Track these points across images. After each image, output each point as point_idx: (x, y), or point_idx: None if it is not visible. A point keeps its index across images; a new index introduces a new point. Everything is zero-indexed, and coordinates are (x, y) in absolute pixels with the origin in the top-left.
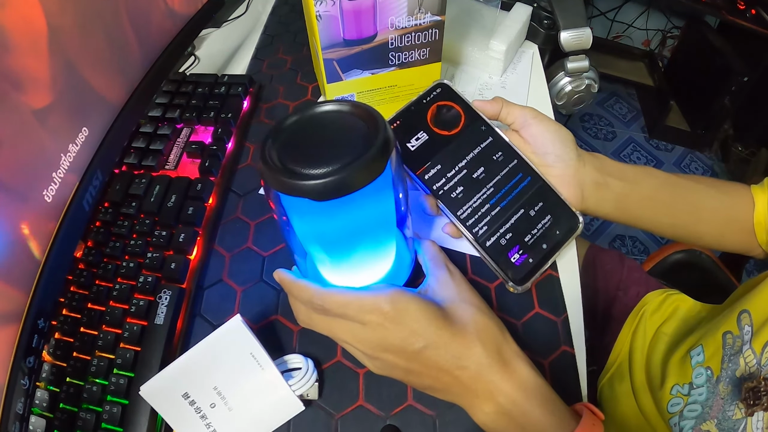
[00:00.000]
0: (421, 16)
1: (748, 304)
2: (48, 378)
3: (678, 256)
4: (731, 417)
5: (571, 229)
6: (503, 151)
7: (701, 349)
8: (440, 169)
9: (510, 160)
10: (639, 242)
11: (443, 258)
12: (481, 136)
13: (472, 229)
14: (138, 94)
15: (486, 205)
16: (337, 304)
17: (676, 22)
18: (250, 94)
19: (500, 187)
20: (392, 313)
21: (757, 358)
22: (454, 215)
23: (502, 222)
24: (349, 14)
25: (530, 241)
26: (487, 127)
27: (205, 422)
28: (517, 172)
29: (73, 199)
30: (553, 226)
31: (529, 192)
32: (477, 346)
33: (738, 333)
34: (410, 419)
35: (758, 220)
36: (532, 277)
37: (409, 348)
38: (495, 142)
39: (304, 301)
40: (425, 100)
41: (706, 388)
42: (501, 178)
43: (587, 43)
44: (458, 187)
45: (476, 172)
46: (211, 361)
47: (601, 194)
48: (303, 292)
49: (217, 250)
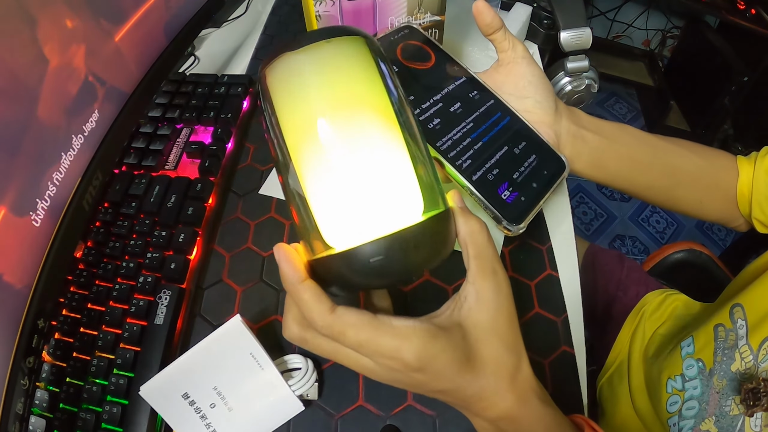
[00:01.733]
0: (421, 16)
1: (740, 298)
2: (48, 378)
3: (678, 256)
4: (728, 413)
5: (558, 170)
6: (478, 91)
7: (691, 340)
8: (413, 100)
9: (487, 99)
10: (639, 242)
11: (492, 255)
12: (454, 74)
13: (455, 162)
14: (138, 94)
15: (467, 138)
16: (350, 341)
17: (676, 22)
18: (250, 94)
19: (480, 123)
20: (415, 365)
21: (754, 354)
22: (434, 146)
23: (487, 157)
24: (349, 14)
25: (519, 179)
26: (459, 67)
27: (205, 422)
28: (496, 110)
29: (73, 199)
30: (539, 166)
31: (510, 131)
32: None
33: (731, 326)
34: (410, 419)
35: (741, 190)
36: (526, 216)
37: (425, 387)
38: (469, 81)
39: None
40: (393, 38)
41: (699, 381)
42: (479, 115)
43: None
44: (435, 119)
45: (453, 106)
46: (211, 361)
47: (576, 147)
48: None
49: (216, 250)
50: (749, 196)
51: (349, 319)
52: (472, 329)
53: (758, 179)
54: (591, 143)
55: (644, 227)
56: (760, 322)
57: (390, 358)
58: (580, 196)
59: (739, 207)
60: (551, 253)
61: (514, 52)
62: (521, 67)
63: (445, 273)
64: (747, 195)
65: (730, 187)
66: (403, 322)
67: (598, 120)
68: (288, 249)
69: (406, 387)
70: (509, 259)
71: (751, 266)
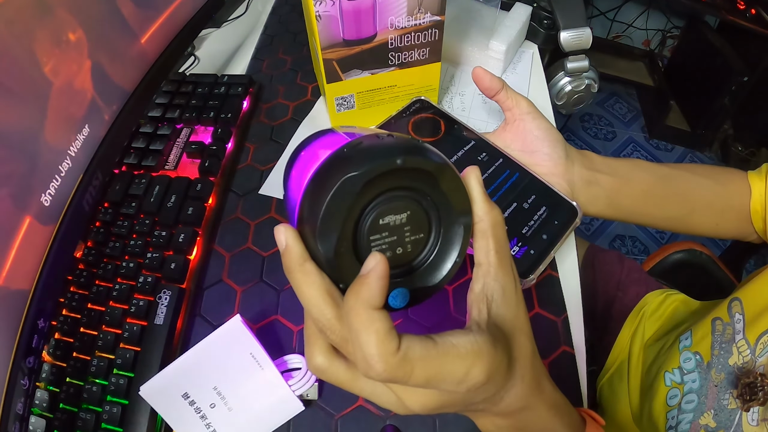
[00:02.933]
0: (421, 16)
1: (739, 293)
2: (48, 378)
3: (678, 256)
4: (726, 406)
5: (570, 218)
6: (487, 152)
7: (689, 333)
8: None
9: (495, 159)
10: (639, 242)
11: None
12: (463, 140)
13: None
14: (138, 94)
15: None
16: (419, 380)
17: (676, 22)
18: (250, 94)
19: (488, 184)
20: (484, 381)
21: (751, 349)
22: None
23: None
24: (349, 14)
25: (528, 233)
26: (468, 132)
27: (205, 422)
28: (505, 169)
29: (73, 199)
30: (550, 216)
31: (519, 186)
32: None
33: (728, 320)
34: (410, 419)
35: (755, 208)
36: (536, 269)
37: (470, 400)
38: (478, 144)
39: (360, 364)
40: (405, 114)
41: (697, 374)
42: (488, 176)
43: (587, 43)
44: None
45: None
46: (211, 361)
47: (592, 192)
48: (368, 356)
49: (216, 250)
50: (762, 213)
51: (415, 354)
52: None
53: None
54: (605, 186)
55: (644, 227)
56: (758, 316)
57: (459, 382)
58: None
59: (753, 223)
60: None
61: (519, 109)
62: (527, 123)
63: None
64: (760, 212)
65: (743, 206)
66: (461, 338)
67: (610, 160)
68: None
69: (450, 409)
70: None
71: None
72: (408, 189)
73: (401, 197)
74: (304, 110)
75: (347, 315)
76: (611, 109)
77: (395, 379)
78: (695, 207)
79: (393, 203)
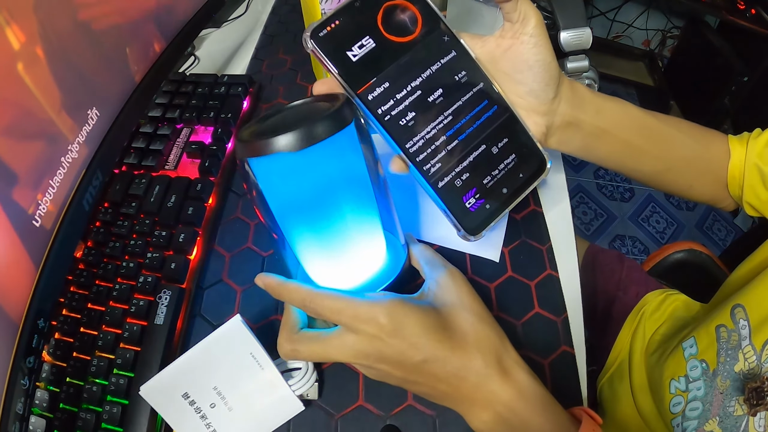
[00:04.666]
0: None
1: (741, 298)
2: (48, 378)
3: (678, 256)
4: (732, 413)
5: (537, 172)
6: (467, 71)
7: (693, 341)
8: (388, 88)
9: (475, 83)
10: (639, 242)
11: (441, 259)
12: (442, 48)
13: (423, 166)
14: (138, 94)
15: (442, 137)
16: (330, 309)
17: (676, 22)
18: (250, 94)
19: (460, 116)
20: (389, 327)
21: (757, 355)
22: (403, 148)
23: (459, 159)
24: None
25: (489, 184)
26: (450, 37)
27: (205, 422)
28: (482, 98)
29: (73, 199)
30: (516, 167)
31: (493, 124)
32: (477, 357)
33: (733, 327)
34: (410, 419)
35: (732, 173)
36: (486, 225)
37: (408, 361)
38: (459, 57)
39: (297, 303)
40: None
41: (703, 382)
42: (462, 105)
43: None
44: (409, 113)
45: (432, 94)
46: (211, 361)
47: (569, 133)
48: (294, 294)
49: (217, 250)
50: (740, 180)
51: (330, 291)
52: (442, 308)
53: (750, 162)
54: (586, 129)
55: (644, 227)
56: (763, 322)
57: (366, 321)
58: (580, 196)
59: (729, 189)
60: (551, 253)
61: (522, 26)
62: (525, 47)
63: None
64: (738, 178)
65: (721, 170)
66: (374, 294)
67: (602, 99)
68: (262, 275)
69: (392, 367)
70: (509, 259)
71: (746, 265)
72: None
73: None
74: None
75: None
76: None
77: (313, 307)
78: (672, 165)
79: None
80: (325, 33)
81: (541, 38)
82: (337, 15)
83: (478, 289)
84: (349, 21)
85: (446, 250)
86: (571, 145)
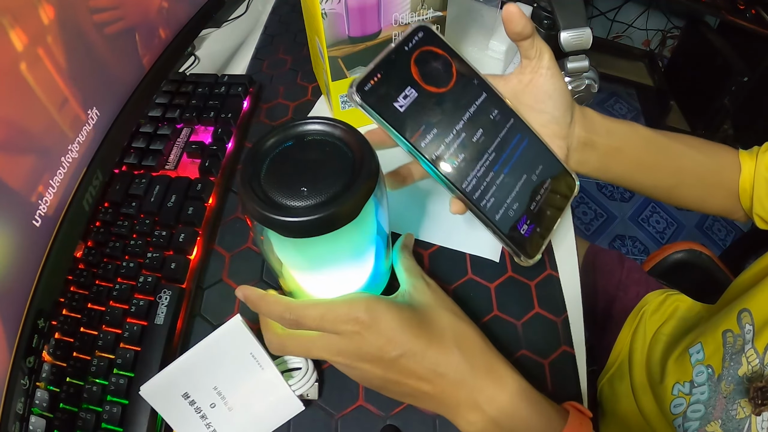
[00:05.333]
0: (424, 12)
1: (747, 303)
2: (48, 378)
3: (678, 256)
4: (735, 416)
5: (569, 191)
6: (499, 109)
7: (700, 346)
8: (437, 134)
9: (507, 120)
10: (639, 242)
11: (419, 270)
12: (475, 92)
13: (480, 203)
14: (138, 94)
15: (490, 173)
16: (312, 317)
17: (676, 22)
18: (250, 94)
19: (501, 152)
20: (368, 321)
21: (760, 358)
22: (459, 189)
23: (508, 191)
24: (354, 11)
25: (535, 209)
26: (480, 81)
27: (205, 422)
28: (516, 133)
29: (73, 199)
30: (553, 190)
31: (529, 155)
32: (455, 352)
33: (739, 332)
34: (410, 419)
35: (743, 186)
36: (540, 247)
37: (386, 356)
38: (490, 98)
39: (276, 317)
40: (407, 47)
41: (707, 387)
42: (500, 141)
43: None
44: (459, 155)
45: (475, 135)
46: (211, 361)
47: (586, 154)
48: (273, 307)
49: (217, 250)
50: (750, 192)
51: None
52: (419, 307)
53: (759, 175)
54: (600, 149)
55: (644, 227)
56: (765, 325)
57: (345, 321)
58: (580, 196)
59: (740, 201)
60: (551, 253)
61: (539, 61)
62: (544, 79)
63: (444, 273)
64: (748, 190)
65: (732, 183)
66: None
67: (611, 122)
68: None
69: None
70: (509, 259)
71: (752, 269)
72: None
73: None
74: (304, 110)
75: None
76: (611, 109)
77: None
78: (684, 180)
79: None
80: (369, 87)
81: (555, 69)
82: (377, 69)
83: (479, 289)
84: (389, 73)
85: (446, 250)
86: (588, 165)
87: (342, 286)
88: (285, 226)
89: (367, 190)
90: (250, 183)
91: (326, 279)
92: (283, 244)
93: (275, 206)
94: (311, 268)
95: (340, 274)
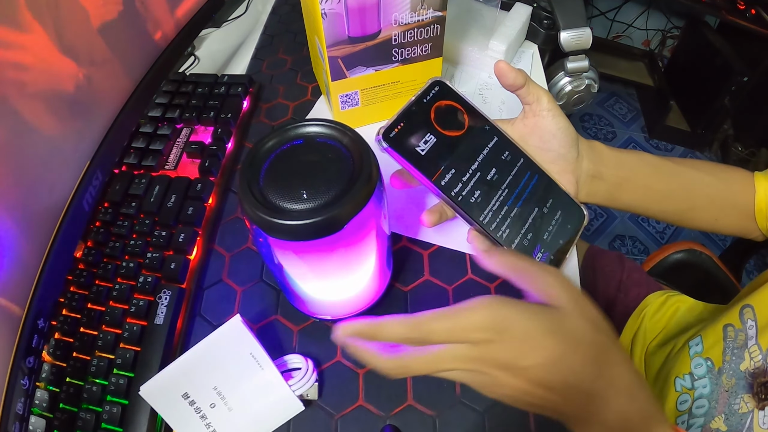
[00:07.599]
0: (424, 12)
1: (751, 299)
2: (48, 378)
3: (678, 256)
4: (737, 411)
5: (579, 221)
6: (509, 151)
7: (700, 339)
8: (455, 174)
9: (517, 159)
10: (639, 242)
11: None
12: (487, 136)
13: (496, 234)
14: (138, 94)
15: (504, 207)
16: (440, 331)
17: (676, 22)
18: (250, 94)
19: (514, 188)
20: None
21: (763, 354)
22: (477, 221)
23: (522, 222)
24: (354, 11)
25: (548, 239)
26: (490, 126)
27: (205, 422)
28: (526, 170)
29: (73, 199)
30: (564, 221)
31: (539, 190)
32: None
33: (740, 327)
34: (410, 419)
35: (759, 206)
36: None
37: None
38: (501, 141)
39: (399, 339)
40: (425, 99)
41: (708, 380)
42: (512, 179)
43: (587, 43)
44: (476, 191)
45: (489, 173)
46: (211, 361)
47: (594, 186)
48: (396, 330)
49: (217, 250)
50: (767, 212)
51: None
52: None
53: None
54: (609, 180)
55: (644, 227)
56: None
57: (474, 328)
58: None
59: (757, 221)
60: None
61: (539, 105)
62: (546, 121)
63: (444, 273)
64: (765, 211)
65: (747, 204)
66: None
67: (617, 153)
68: (343, 326)
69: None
70: None
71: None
72: None
73: None
74: (304, 110)
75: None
76: (611, 109)
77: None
78: (695, 203)
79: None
80: (394, 134)
81: (556, 110)
82: (401, 118)
83: (479, 289)
84: (411, 122)
85: (446, 250)
86: (597, 196)
87: (342, 289)
88: (285, 230)
89: (367, 192)
90: (249, 186)
91: (326, 281)
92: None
93: (275, 210)
94: (311, 270)
95: (341, 276)
